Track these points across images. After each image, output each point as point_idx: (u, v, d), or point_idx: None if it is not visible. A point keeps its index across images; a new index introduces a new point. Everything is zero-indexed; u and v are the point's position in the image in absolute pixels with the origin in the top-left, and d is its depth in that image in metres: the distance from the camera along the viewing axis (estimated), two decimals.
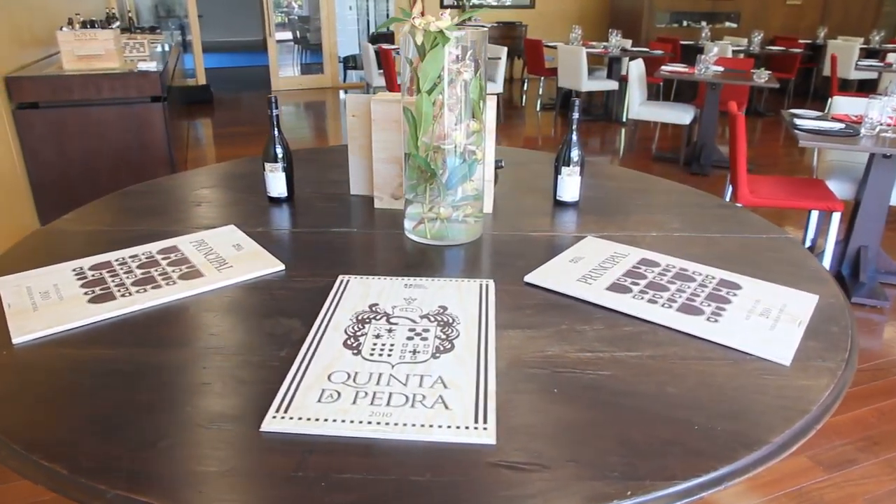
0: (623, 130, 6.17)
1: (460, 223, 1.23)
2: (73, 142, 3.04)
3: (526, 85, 8.19)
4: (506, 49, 5.72)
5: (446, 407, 0.72)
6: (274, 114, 1.42)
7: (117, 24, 3.43)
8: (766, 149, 5.61)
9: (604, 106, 6.67)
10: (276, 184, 1.46)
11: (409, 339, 0.87)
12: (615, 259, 1.13)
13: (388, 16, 9.76)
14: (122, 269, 1.09)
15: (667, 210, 1.41)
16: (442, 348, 0.84)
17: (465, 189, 1.20)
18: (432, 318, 0.92)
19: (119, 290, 1.01)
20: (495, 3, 9.23)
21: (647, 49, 6.65)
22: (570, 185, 1.43)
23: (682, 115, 4.73)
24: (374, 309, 0.95)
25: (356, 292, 1.00)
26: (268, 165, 1.44)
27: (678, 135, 5.64)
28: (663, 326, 0.92)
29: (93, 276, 1.07)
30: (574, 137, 1.41)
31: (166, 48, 4.57)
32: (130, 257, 1.14)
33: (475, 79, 1.14)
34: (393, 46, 6.71)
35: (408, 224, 1.25)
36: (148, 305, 0.98)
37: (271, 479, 0.63)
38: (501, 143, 5.59)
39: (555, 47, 6.36)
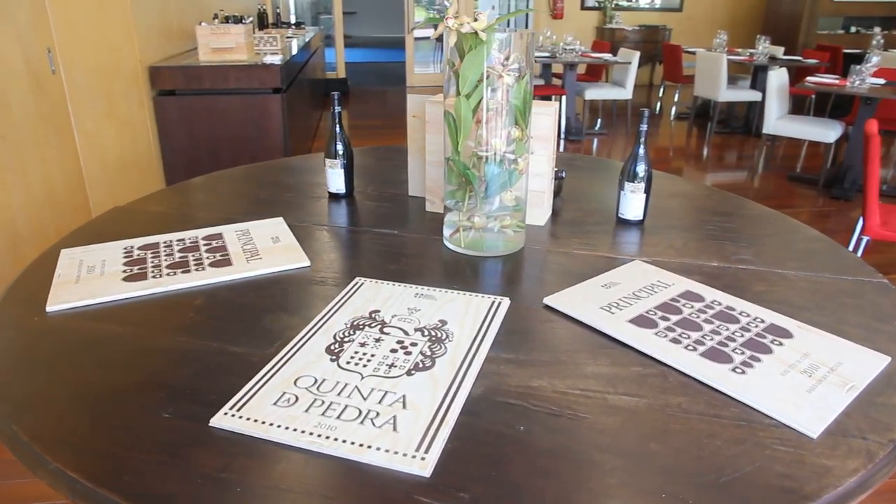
0: (765, 146, 5.67)
1: (497, 234, 1.17)
2: (200, 127, 3.30)
3: (662, 92, 7.77)
4: (637, 54, 5.45)
5: (394, 429, 0.68)
6: (336, 111, 1.44)
7: (250, 19, 3.68)
8: None
9: (744, 118, 6.17)
10: (335, 180, 1.48)
11: (393, 351, 0.83)
12: (655, 288, 1.02)
13: (527, 15, 9.69)
14: (165, 251, 1.16)
15: (744, 238, 1.26)
16: (421, 365, 0.80)
17: (504, 199, 1.14)
18: (426, 332, 0.88)
19: (153, 272, 1.07)
20: (646, 6, 8.84)
21: (798, 58, 6.06)
22: (633, 203, 1.32)
23: (826, 132, 4.25)
24: (372, 316, 0.93)
25: (363, 296, 0.99)
26: (328, 161, 1.47)
27: (822, 154, 5.08)
28: (678, 371, 0.81)
29: (138, 255, 1.14)
30: (641, 151, 1.30)
31: (302, 42, 4.84)
32: (177, 241, 1.20)
33: (519, 84, 1.08)
34: None
35: (446, 231, 1.22)
36: (171, 288, 1.02)
37: (194, 475, 0.63)
38: (610, 152, 5.37)
39: (694, 53, 5.97)
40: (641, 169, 1.30)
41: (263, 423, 0.70)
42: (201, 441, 0.68)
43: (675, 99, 6.99)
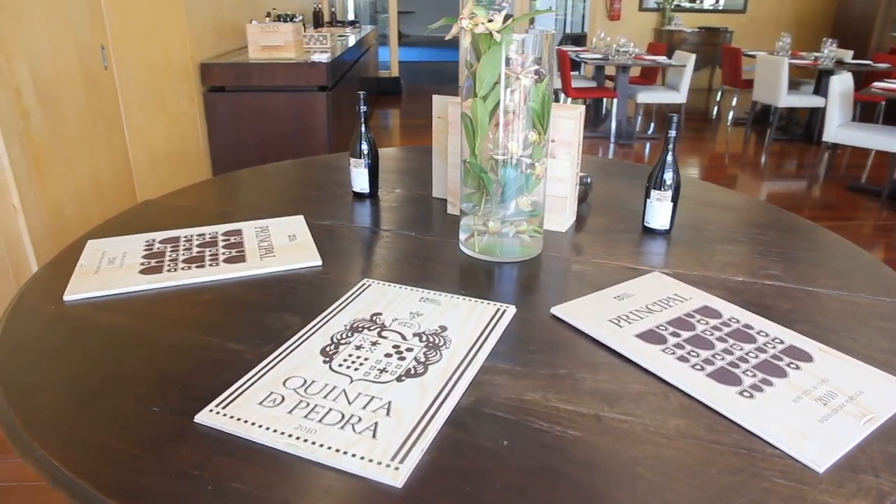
0: (826, 154, 5.42)
1: (513, 240, 1.15)
2: (248, 123, 3.38)
3: (720, 96, 7.52)
4: (693, 56, 5.28)
5: (374, 436, 0.67)
6: (361, 110, 1.44)
7: (299, 18, 3.74)
8: None
9: (806, 125, 5.91)
10: (359, 179, 1.48)
11: (388, 356, 0.82)
12: (670, 302, 0.98)
13: (583, 16, 9.55)
14: (184, 245, 1.18)
15: (776, 252, 1.19)
16: (413, 372, 0.79)
17: (520, 204, 1.12)
18: (423, 338, 0.87)
19: (169, 266, 1.09)
20: (709, 7, 8.58)
21: (868, 62, 5.75)
22: (658, 212, 1.27)
23: (891, 140, 4.01)
24: (373, 318, 0.92)
25: (368, 298, 0.98)
26: (352, 161, 1.47)
27: (889, 164, 4.81)
28: (681, 392, 0.77)
29: (158, 248, 1.16)
30: (669, 158, 1.25)
31: (352, 41, 4.90)
32: (198, 235, 1.23)
33: (537, 86, 1.05)
34: (576, 48, 6.56)
35: (461, 235, 1.20)
36: (183, 283, 1.04)
37: (170, 470, 0.63)
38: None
39: (754, 56, 5.75)
40: (669, 176, 1.25)
41: (246, 422, 0.70)
42: (183, 437, 0.68)
43: (733, 104, 6.75)
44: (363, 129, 1.45)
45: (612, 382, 0.79)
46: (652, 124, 6.34)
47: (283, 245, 1.18)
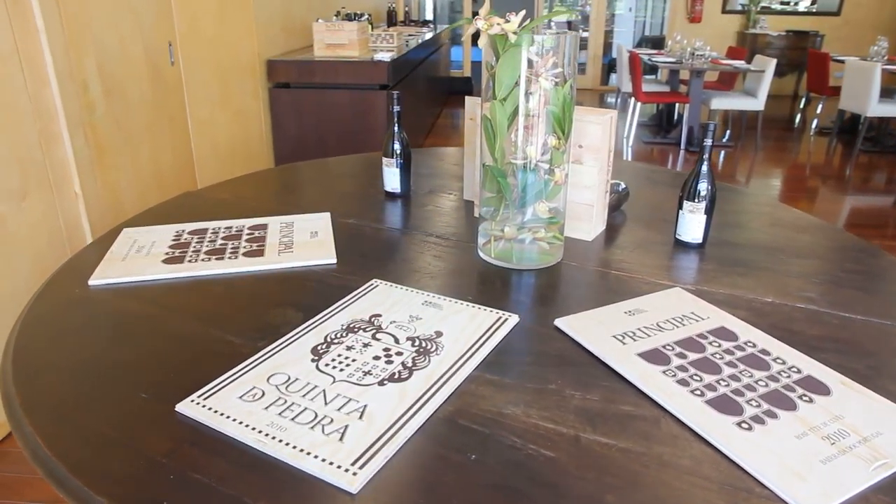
0: None
1: (530, 246, 1.12)
2: (310, 118, 3.46)
3: (803, 104, 7.11)
4: (773, 61, 5.01)
5: (341, 438, 0.67)
6: (395, 110, 1.44)
7: (365, 17, 3.80)
8: None
9: None
10: (391, 179, 1.48)
11: (376, 358, 0.82)
12: (685, 320, 0.93)
13: (663, 17, 9.26)
14: (210, 237, 1.21)
15: (818, 273, 1.11)
16: (396, 376, 0.78)
17: (538, 210, 1.09)
18: (416, 343, 0.86)
19: (191, 257, 1.13)
20: (804, 10, 8.13)
21: None
22: (691, 224, 1.20)
23: None
24: (371, 320, 0.92)
25: (372, 299, 0.98)
26: (385, 160, 1.47)
27: None
28: (674, 417, 0.73)
29: (185, 239, 1.20)
30: (704, 168, 1.18)
31: (420, 41, 4.93)
32: (225, 228, 1.26)
33: (558, 90, 1.02)
34: (651, 52, 6.37)
35: (480, 240, 1.18)
36: (201, 273, 1.07)
37: (139, 456, 0.65)
38: (734, 168, 4.99)
39: (843, 62, 5.40)
40: (703, 187, 1.18)
41: (222, 414, 0.71)
42: (162, 424, 0.70)
43: (818, 112, 6.36)
44: (396, 128, 1.46)
45: (601, 402, 0.75)
46: (728, 132, 6.07)
47: (303, 241, 1.20)
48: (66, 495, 0.61)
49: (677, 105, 5.86)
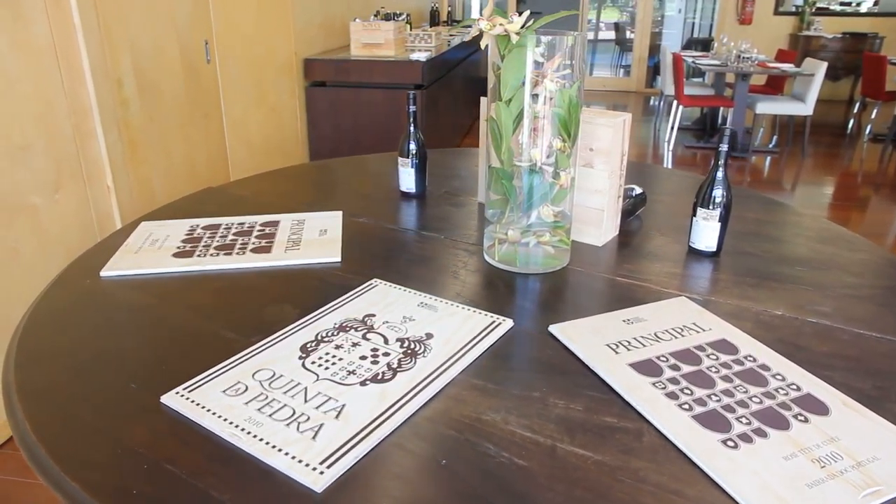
0: None
1: (534, 250, 1.10)
2: (345, 117, 3.50)
3: (857, 109, 6.82)
4: (824, 65, 4.82)
5: (314, 437, 0.67)
6: (411, 111, 1.44)
7: (403, 17, 3.81)
8: None
9: None
10: (406, 179, 1.49)
11: (363, 358, 0.82)
12: (685, 331, 0.90)
13: (712, 18, 9.03)
14: (222, 233, 1.24)
15: (835, 286, 1.06)
16: (380, 377, 0.78)
17: (542, 214, 1.07)
18: (405, 344, 0.85)
19: (200, 251, 1.15)
20: (865, 11, 7.81)
21: None
22: (705, 232, 1.17)
23: None
24: (364, 319, 0.92)
25: (368, 299, 0.98)
26: (400, 160, 1.48)
27: None
28: (658, 431, 0.71)
29: (198, 234, 1.23)
30: (720, 174, 1.14)
31: (459, 41, 4.93)
32: (238, 224, 1.28)
33: (563, 91, 1.00)
34: (695, 54, 6.22)
35: (485, 243, 1.17)
36: (207, 268, 1.09)
37: (117, 445, 0.66)
38: (780, 174, 4.82)
39: None
40: (719, 194, 1.14)
41: (203, 407, 0.72)
42: (144, 415, 0.72)
43: (872, 117, 6.09)
44: (411, 129, 1.46)
45: (584, 412, 0.74)
46: (775, 137, 5.88)
47: (310, 239, 1.21)
48: (45, 480, 0.63)
49: (721, 109, 5.70)
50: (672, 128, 5.55)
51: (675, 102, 5.35)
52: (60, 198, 1.82)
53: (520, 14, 0.94)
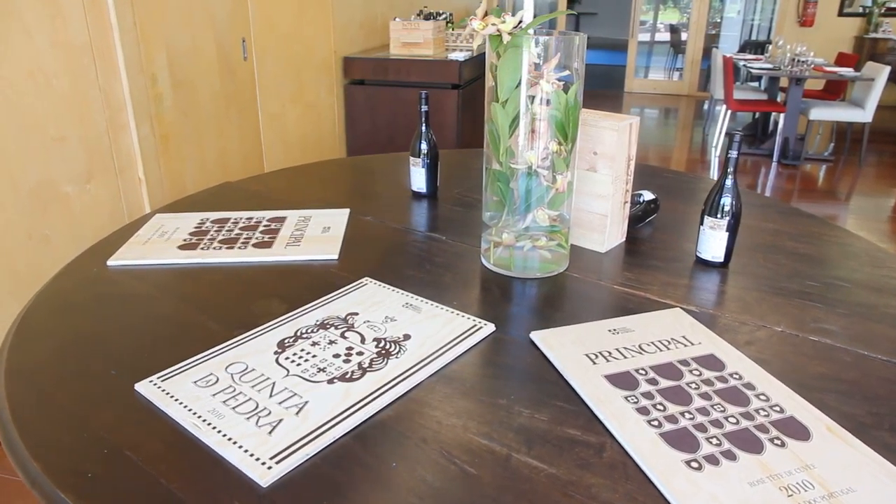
0: None
1: (530, 255, 1.09)
2: (383, 115, 3.53)
3: None
4: (887, 69, 4.59)
5: (270, 432, 0.68)
6: (423, 110, 1.44)
7: (443, 16, 3.81)
8: None
9: None
10: (417, 178, 1.49)
11: (336, 356, 0.82)
12: (672, 344, 0.87)
13: (771, 20, 8.71)
14: (230, 226, 1.26)
15: (846, 304, 1.01)
16: (349, 375, 0.78)
17: (538, 218, 1.06)
18: (380, 344, 0.85)
19: (205, 244, 1.18)
20: None
21: None
22: (712, 241, 1.13)
23: None
24: (346, 318, 0.92)
25: (355, 298, 0.98)
26: (412, 160, 1.48)
27: None
28: (621, 447, 0.68)
29: (206, 227, 1.26)
30: (729, 182, 1.10)
31: None
32: (246, 219, 1.31)
33: (559, 93, 0.98)
34: (748, 56, 6.01)
35: (482, 246, 1.16)
36: (208, 261, 1.12)
37: (84, 430, 0.68)
38: (834, 184, 4.61)
39: None
40: (727, 202, 1.10)
41: (171, 397, 0.74)
42: (118, 401, 0.74)
43: None
44: (423, 128, 1.46)
45: (548, 423, 0.72)
46: (831, 145, 5.63)
47: (313, 236, 1.22)
48: (13, 459, 0.66)
49: (773, 115, 5.49)
50: (720, 132, 5.39)
51: (724, 107, 5.19)
52: (92, 188, 1.89)
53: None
